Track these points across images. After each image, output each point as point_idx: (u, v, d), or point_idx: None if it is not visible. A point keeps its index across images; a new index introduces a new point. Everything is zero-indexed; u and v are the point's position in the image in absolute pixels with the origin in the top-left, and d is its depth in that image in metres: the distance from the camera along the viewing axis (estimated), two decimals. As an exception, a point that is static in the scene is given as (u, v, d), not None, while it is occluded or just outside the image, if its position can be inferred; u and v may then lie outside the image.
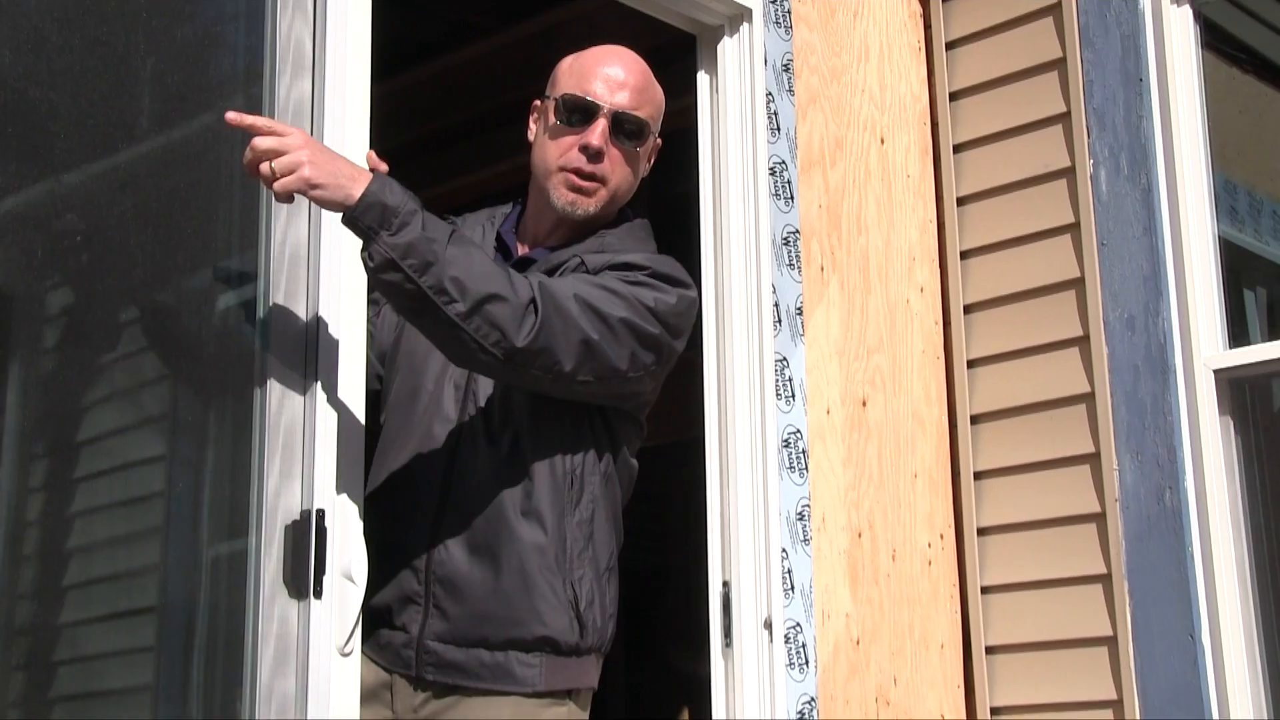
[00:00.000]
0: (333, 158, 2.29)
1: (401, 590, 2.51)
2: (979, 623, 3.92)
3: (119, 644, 2.38)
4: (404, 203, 2.27)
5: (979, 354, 4.07)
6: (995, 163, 4.11)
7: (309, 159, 2.24)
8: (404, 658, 2.50)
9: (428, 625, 2.49)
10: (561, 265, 2.60)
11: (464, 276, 2.29)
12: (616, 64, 2.67)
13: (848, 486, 3.76)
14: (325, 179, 2.25)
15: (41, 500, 2.31)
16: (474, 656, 2.47)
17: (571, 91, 2.63)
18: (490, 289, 2.32)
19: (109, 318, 2.39)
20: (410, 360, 2.63)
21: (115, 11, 2.39)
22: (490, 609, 2.48)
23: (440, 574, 2.50)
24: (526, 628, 2.48)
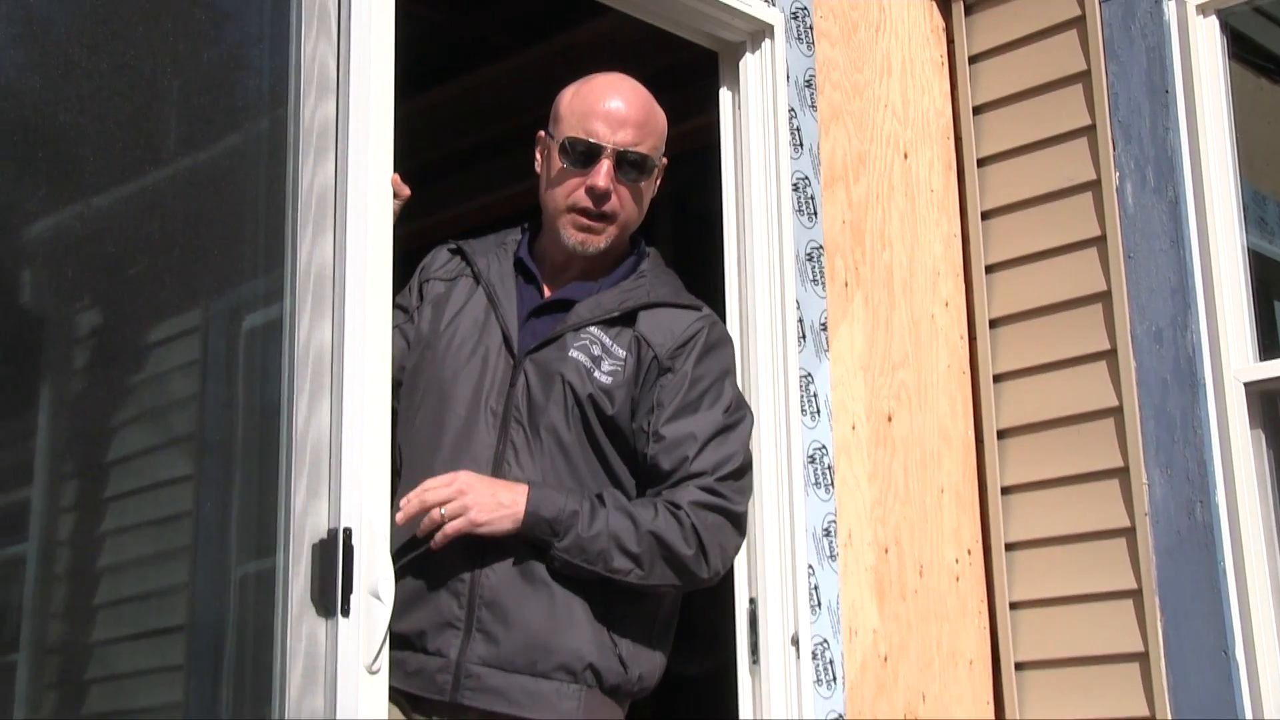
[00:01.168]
0: (492, 490, 2.49)
1: (439, 615, 2.51)
2: (1008, 638, 3.90)
3: (149, 663, 2.39)
4: (562, 509, 2.49)
5: (1005, 368, 4.06)
6: (1020, 176, 4.10)
7: (473, 502, 2.48)
8: (439, 683, 2.49)
9: (470, 649, 2.49)
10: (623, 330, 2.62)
11: (636, 549, 2.50)
12: (616, 99, 2.66)
13: (874, 502, 3.75)
14: (489, 515, 2.48)
15: (72, 520, 2.32)
16: (516, 683, 2.47)
17: (574, 135, 2.64)
18: (658, 552, 2.52)
19: (137, 338, 2.40)
20: (439, 387, 2.63)
21: (142, 36, 2.41)
22: (539, 636, 2.49)
23: (488, 598, 2.50)
24: (576, 657, 2.49)
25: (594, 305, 2.65)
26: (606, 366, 2.60)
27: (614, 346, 2.61)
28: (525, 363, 2.59)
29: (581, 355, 2.60)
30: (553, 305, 2.67)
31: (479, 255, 2.74)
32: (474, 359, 2.61)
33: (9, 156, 2.26)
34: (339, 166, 2.48)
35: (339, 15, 2.52)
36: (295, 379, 2.41)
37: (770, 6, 3.73)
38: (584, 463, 2.58)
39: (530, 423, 2.57)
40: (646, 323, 2.64)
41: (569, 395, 2.57)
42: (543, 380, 2.58)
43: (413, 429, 2.66)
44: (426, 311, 2.72)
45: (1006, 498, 3.99)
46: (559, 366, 2.58)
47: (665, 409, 2.58)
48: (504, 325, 2.62)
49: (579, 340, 2.61)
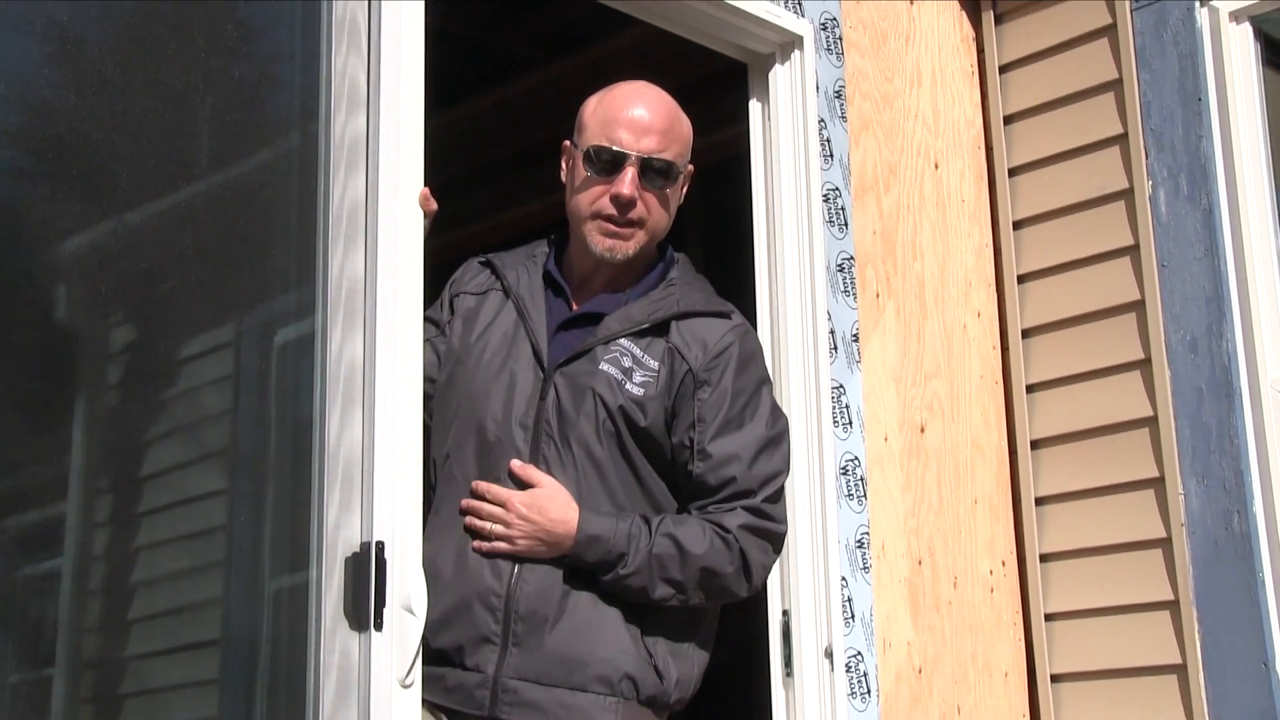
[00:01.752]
0: (542, 525, 2.52)
1: (476, 630, 2.51)
2: (1043, 650, 3.88)
3: (183, 677, 2.40)
4: (609, 553, 2.52)
5: (1038, 379, 4.04)
6: (1051, 186, 4.08)
7: (520, 532, 2.52)
8: (477, 698, 2.49)
9: (506, 663, 2.48)
10: (654, 342, 2.62)
11: (679, 578, 2.53)
12: (640, 106, 2.65)
13: (907, 513, 3.74)
14: (533, 546, 2.53)
15: (107, 534, 2.33)
16: (554, 696, 2.47)
17: (598, 142, 2.63)
18: (703, 579, 2.55)
19: (170, 353, 2.41)
20: (470, 401, 2.63)
21: (174, 53, 2.42)
22: (575, 648, 2.49)
23: (523, 612, 2.50)
24: (612, 668, 2.49)
25: (623, 317, 2.64)
26: (638, 378, 2.59)
27: (645, 357, 2.61)
28: (555, 376, 2.59)
29: (612, 368, 2.59)
30: (581, 318, 2.67)
31: (508, 269, 2.73)
32: (504, 373, 2.61)
33: (44, 173, 2.27)
34: (370, 181, 2.49)
35: (369, 31, 2.53)
36: (327, 393, 2.42)
37: (799, 18, 3.73)
38: (615, 475, 2.58)
39: (561, 436, 2.57)
40: (679, 333, 2.63)
41: (600, 408, 2.57)
42: (573, 394, 2.58)
43: (445, 443, 2.65)
44: (457, 325, 2.72)
45: (1040, 509, 3.97)
46: (589, 380, 2.58)
47: (709, 425, 2.58)
48: (533, 339, 2.62)
49: (609, 353, 2.60)
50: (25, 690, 2.22)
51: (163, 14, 2.43)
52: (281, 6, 2.57)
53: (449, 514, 2.58)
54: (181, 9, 2.44)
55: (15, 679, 2.22)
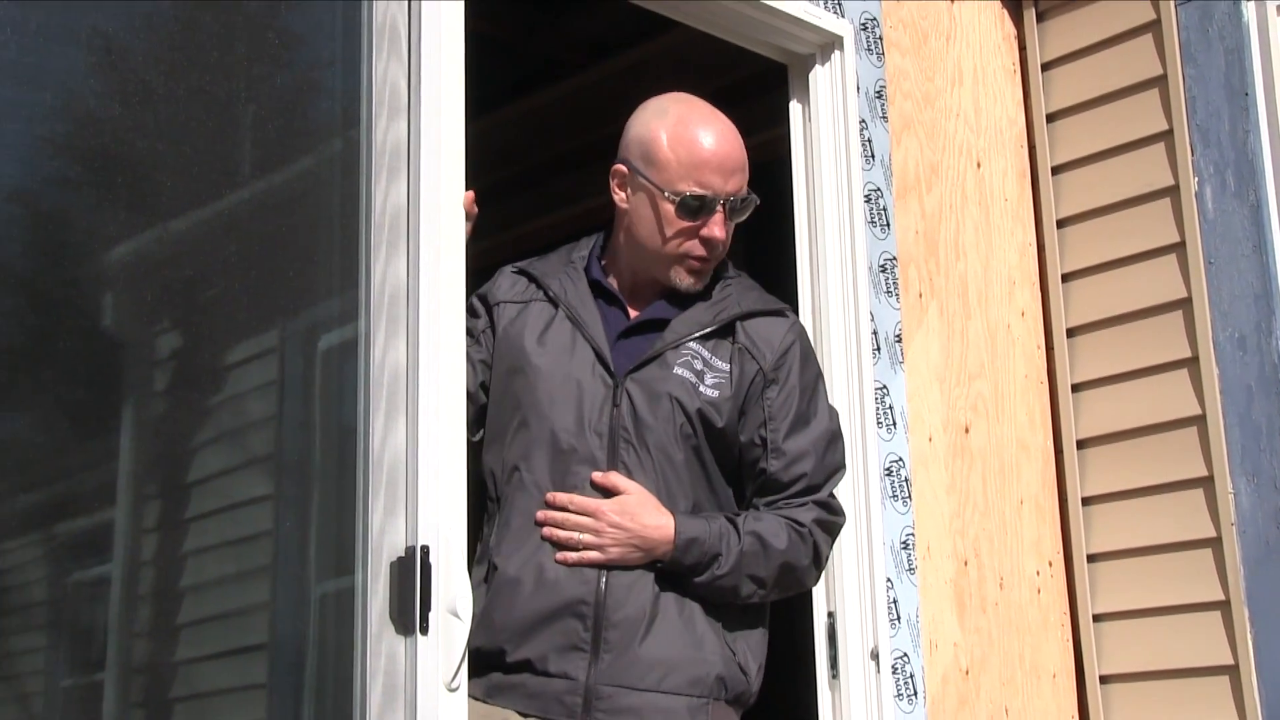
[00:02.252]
0: (636, 532, 2.54)
1: (565, 639, 2.51)
2: (1092, 651, 3.85)
3: (231, 681, 2.41)
4: (704, 555, 2.55)
5: (1084, 378, 4.02)
6: (1095, 183, 4.06)
7: (612, 540, 2.54)
8: (568, 704, 2.50)
9: (599, 670, 2.50)
10: (717, 341, 2.66)
11: (763, 575, 2.58)
12: (722, 143, 2.64)
13: (952, 514, 3.72)
14: (626, 554, 2.54)
15: (155, 540, 2.35)
16: (649, 701, 2.49)
17: (692, 190, 2.61)
18: (784, 573, 2.61)
19: (215, 360, 2.43)
20: (536, 411, 2.62)
21: (217, 62, 2.44)
22: (669, 653, 2.51)
23: (615, 619, 2.51)
24: (706, 671, 2.53)
25: (689, 321, 2.66)
26: (710, 380, 2.62)
27: (714, 359, 2.64)
28: (627, 383, 2.60)
29: (686, 371, 2.62)
30: (642, 325, 2.68)
31: (550, 278, 2.72)
32: (568, 382, 2.61)
33: (89, 183, 2.29)
34: (411, 186, 2.49)
35: (409, 37, 2.54)
36: (371, 398, 2.43)
37: (839, 18, 3.72)
38: (688, 477, 2.62)
39: (639, 441, 2.58)
40: (745, 334, 2.67)
41: (679, 412, 2.59)
42: (649, 399, 2.59)
43: (510, 454, 2.64)
44: (503, 337, 2.71)
45: (1087, 508, 3.95)
46: (665, 385, 2.60)
47: (780, 423, 2.64)
48: (595, 347, 2.63)
49: (680, 357, 2.63)
50: (77, 694, 2.24)
51: (205, 23, 2.45)
52: (322, 13, 2.58)
53: (523, 524, 2.59)
54: (223, 18, 2.46)
55: (67, 683, 2.24)
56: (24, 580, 2.22)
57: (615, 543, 2.53)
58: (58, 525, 2.24)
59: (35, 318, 2.22)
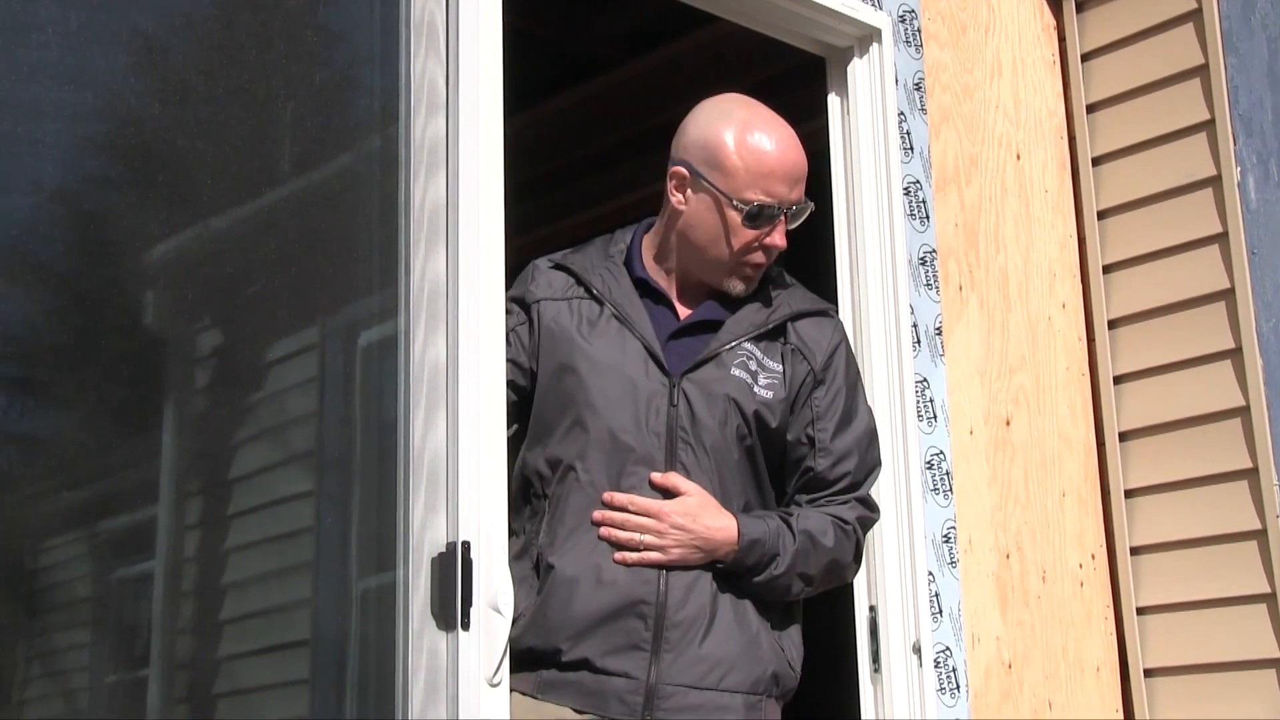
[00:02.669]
0: (700, 533, 2.55)
1: (625, 638, 2.52)
2: (1136, 644, 3.83)
3: (274, 677, 2.42)
4: (763, 556, 2.57)
5: (1125, 369, 3.99)
6: (1136, 174, 4.03)
7: (673, 541, 2.54)
8: (629, 703, 2.50)
9: (660, 669, 2.50)
10: (769, 340, 2.68)
11: (813, 573, 2.61)
12: (790, 153, 2.64)
13: (994, 507, 3.70)
14: (687, 555, 2.55)
15: (197, 537, 2.36)
16: (709, 699, 2.51)
17: (760, 199, 2.60)
18: (830, 569, 2.64)
19: (256, 357, 2.44)
20: (589, 410, 2.60)
21: (255, 60, 2.45)
22: (729, 652, 2.53)
23: (675, 618, 2.52)
24: (763, 669, 2.56)
25: (743, 322, 2.67)
26: (764, 381, 2.64)
27: (766, 360, 2.65)
28: (683, 383, 2.60)
29: (742, 372, 2.63)
30: (695, 325, 2.67)
31: (591, 273, 2.70)
32: (621, 380, 2.60)
33: (130, 181, 2.31)
34: (450, 182, 2.50)
35: (447, 33, 2.54)
36: (411, 393, 2.43)
37: (877, 10, 3.71)
38: (741, 477, 2.64)
39: (697, 441, 2.59)
40: (795, 334, 2.70)
41: (735, 413, 2.60)
42: (706, 399, 2.60)
43: (562, 452, 2.62)
44: (546, 335, 2.68)
45: (1130, 501, 3.93)
46: (722, 386, 2.61)
47: (828, 422, 2.67)
48: (647, 346, 2.62)
49: (736, 358, 2.64)
50: (122, 690, 2.26)
51: (244, 22, 2.46)
52: (361, 10, 2.59)
53: (578, 523, 2.58)
54: (262, 16, 2.47)
55: (112, 679, 2.26)
56: (69, 577, 2.24)
57: (677, 544, 2.54)
58: (101, 522, 2.25)
59: (78, 316, 2.23)
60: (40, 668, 2.16)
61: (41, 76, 2.21)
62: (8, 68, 2.17)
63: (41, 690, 2.16)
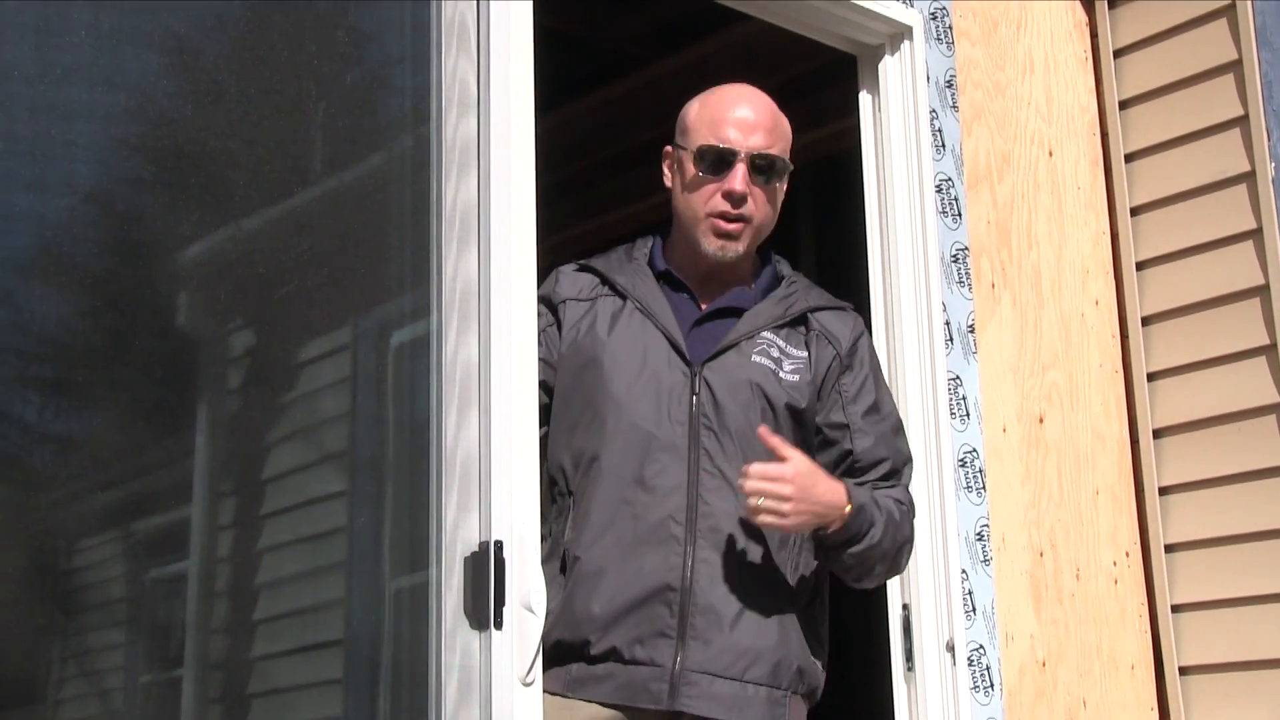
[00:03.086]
0: (812, 489, 2.51)
1: (650, 625, 2.52)
2: (1171, 642, 3.81)
3: (308, 677, 2.43)
4: (867, 517, 2.56)
5: (1159, 366, 3.97)
6: (1169, 170, 4.01)
7: (792, 509, 2.49)
8: (654, 691, 2.50)
9: (685, 656, 2.50)
10: (789, 329, 2.69)
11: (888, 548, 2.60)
12: (745, 106, 2.70)
13: (1027, 505, 3.69)
14: (804, 521, 2.51)
15: (230, 537, 2.37)
16: (733, 689, 2.50)
17: (707, 142, 2.68)
18: (901, 551, 2.65)
19: (289, 357, 2.44)
20: (612, 402, 2.61)
21: (287, 60, 2.45)
22: (754, 642, 2.52)
23: (702, 604, 2.52)
24: (788, 662, 2.54)
25: (760, 314, 2.69)
26: (789, 366, 2.66)
27: (789, 347, 2.67)
28: (704, 371, 2.61)
29: (764, 359, 2.64)
30: (714, 315, 2.68)
31: (615, 273, 2.74)
32: (644, 372, 2.62)
33: (163, 182, 2.31)
34: (481, 182, 2.50)
35: (478, 33, 2.55)
36: (444, 393, 2.43)
37: (909, 8, 3.70)
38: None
39: (721, 428, 2.59)
40: (819, 323, 2.72)
41: (760, 399, 2.61)
42: (728, 387, 2.61)
43: (585, 445, 2.64)
44: (571, 334, 2.71)
45: (1165, 498, 3.90)
46: (745, 373, 2.62)
47: (859, 405, 2.69)
48: (669, 337, 2.64)
49: (756, 345, 2.65)
50: (156, 690, 2.26)
51: (275, 22, 2.46)
52: (392, 10, 2.59)
53: (602, 514, 2.58)
54: (294, 17, 2.47)
55: (146, 679, 2.27)
56: (103, 577, 2.24)
57: (795, 511, 2.50)
58: (135, 523, 2.26)
59: (112, 317, 2.24)
60: (75, 668, 2.17)
61: (75, 79, 2.22)
62: (41, 70, 2.18)
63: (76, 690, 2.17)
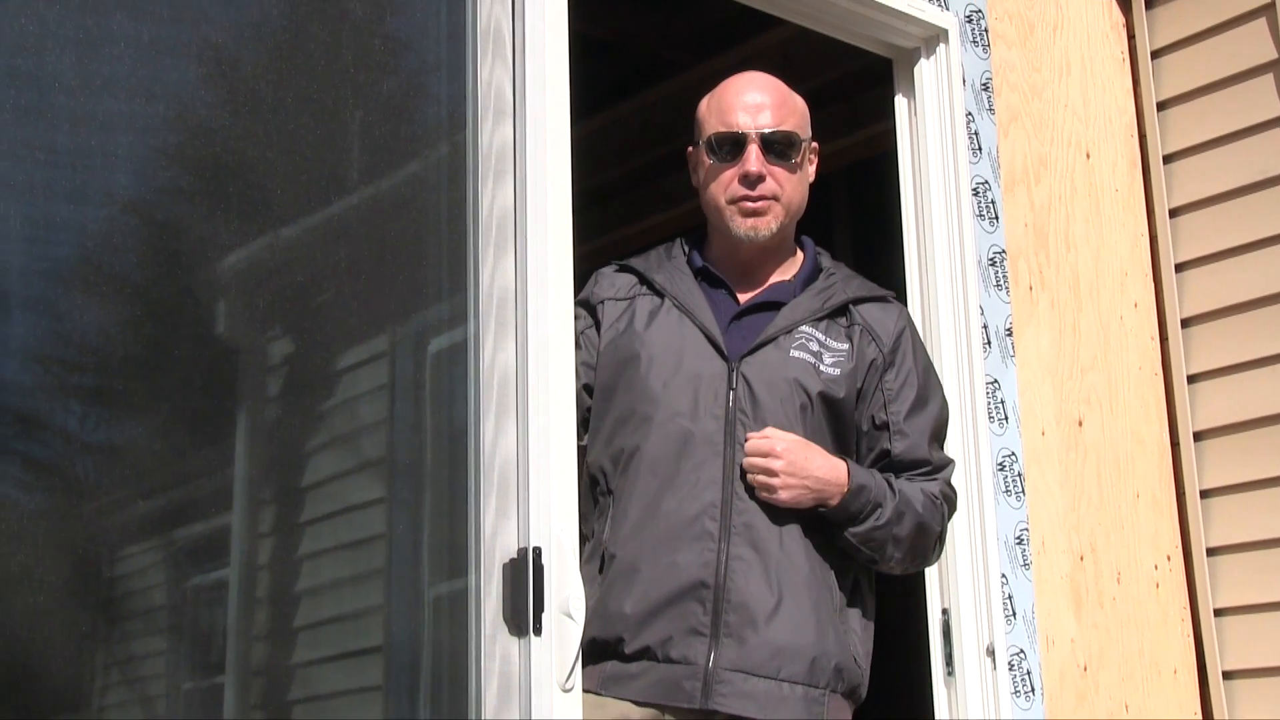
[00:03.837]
0: (804, 464, 2.53)
1: (683, 623, 2.51)
2: (1213, 646, 3.78)
3: (348, 683, 2.44)
4: (867, 501, 2.56)
5: (1199, 369, 3.94)
6: (1208, 171, 3.98)
7: (781, 483, 2.53)
8: (687, 690, 2.49)
9: (719, 654, 2.49)
10: (829, 322, 2.68)
11: (903, 534, 2.59)
12: (750, 89, 2.72)
13: (1066, 509, 3.67)
14: (797, 495, 2.54)
15: (271, 544, 2.38)
16: (768, 688, 2.49)
17: (716, 129, 2.70)
18: (918, 535, 2.62)
19: (327, 365, 2.45)
20: (649, 399, 2.62)
21: (324, 69, 2.46)
22: (789, 640, 2.50)
23: (735, 601, 2.50)
24: (825, 660, 2.52)
25: (799, 308, 2.68)
26: (828, 359, 2.64)
27: (829, 340, 2.66)
28: (741, 366, 2.61)
29: (803, 353, 2.63)
30: (753, 309, 2.68)
31: (653, 272, 2.75)
32: (681, 369, 2.62)
33: (202, 192, 2.33)
34: (518, 188, 2.51)
35: (514, 40, 2.55)
36: (481, 400, 2.44)
37: (944, 11, 3.69)
38: None
39: (758, 422, 2.58)
40: (861, 316, 2.71)
41: (799, 393, 2.60)
42: (766, 381, 2.60)
43: (623, 443, 2.64)
44: (609, 333, 2.72)
45: (1206, 501, 3.88)
46: (783, 368, 2.61)
47: (901, 404, 2.68)
48: (707, 332, 2.64)
49: (795, 340, 2.64)
50: (198, 697, 2.28)
51: (312, 32, 2.48)
52: (427, 19, 2.60)
53: (640, 511, 2.58)
54: (330, 26, 2.48)
55: (189, 686, 2.28)
56: (145, 585, 2.26)
57: (785, 486, 2.53)
58: (176, 530, 2.27)
59: (152, 326, 2.26)
60: (118, 674, 2.19)
61: (114, 90, 2.24)
62: (82, 82, 2.20)
63: (120, 697, 2.18)
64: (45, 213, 2.16)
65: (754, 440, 2.54)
